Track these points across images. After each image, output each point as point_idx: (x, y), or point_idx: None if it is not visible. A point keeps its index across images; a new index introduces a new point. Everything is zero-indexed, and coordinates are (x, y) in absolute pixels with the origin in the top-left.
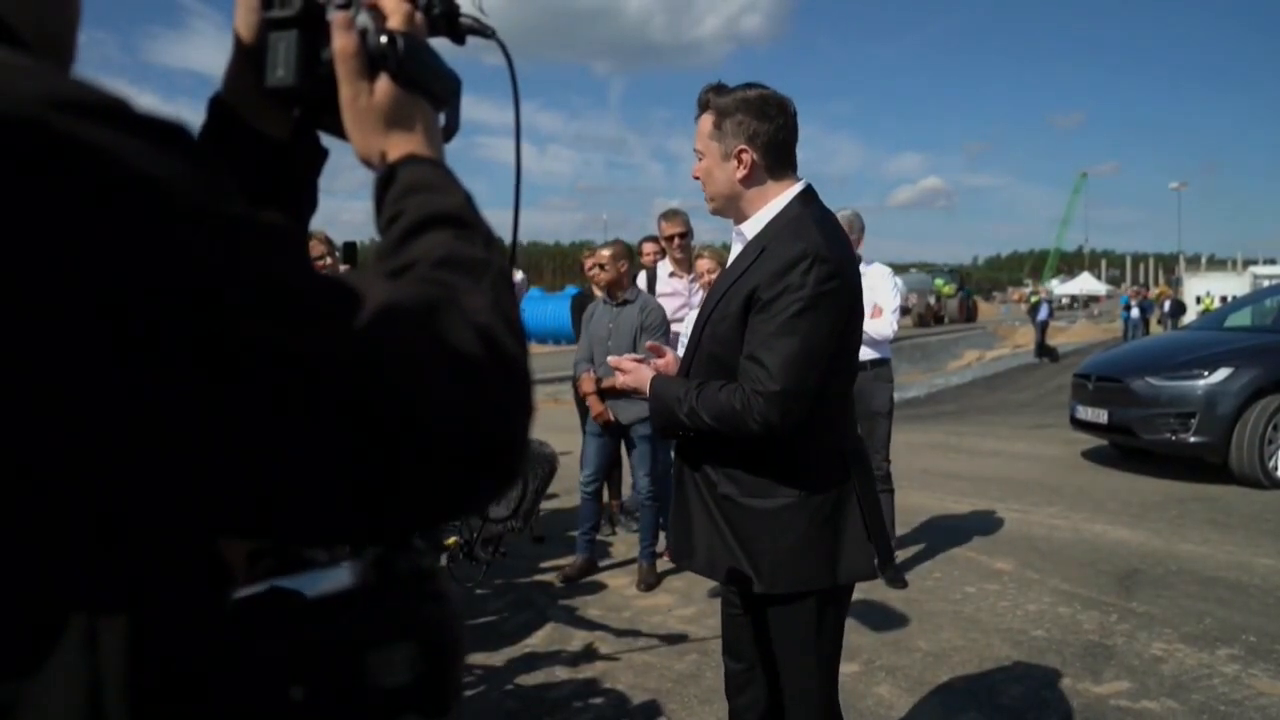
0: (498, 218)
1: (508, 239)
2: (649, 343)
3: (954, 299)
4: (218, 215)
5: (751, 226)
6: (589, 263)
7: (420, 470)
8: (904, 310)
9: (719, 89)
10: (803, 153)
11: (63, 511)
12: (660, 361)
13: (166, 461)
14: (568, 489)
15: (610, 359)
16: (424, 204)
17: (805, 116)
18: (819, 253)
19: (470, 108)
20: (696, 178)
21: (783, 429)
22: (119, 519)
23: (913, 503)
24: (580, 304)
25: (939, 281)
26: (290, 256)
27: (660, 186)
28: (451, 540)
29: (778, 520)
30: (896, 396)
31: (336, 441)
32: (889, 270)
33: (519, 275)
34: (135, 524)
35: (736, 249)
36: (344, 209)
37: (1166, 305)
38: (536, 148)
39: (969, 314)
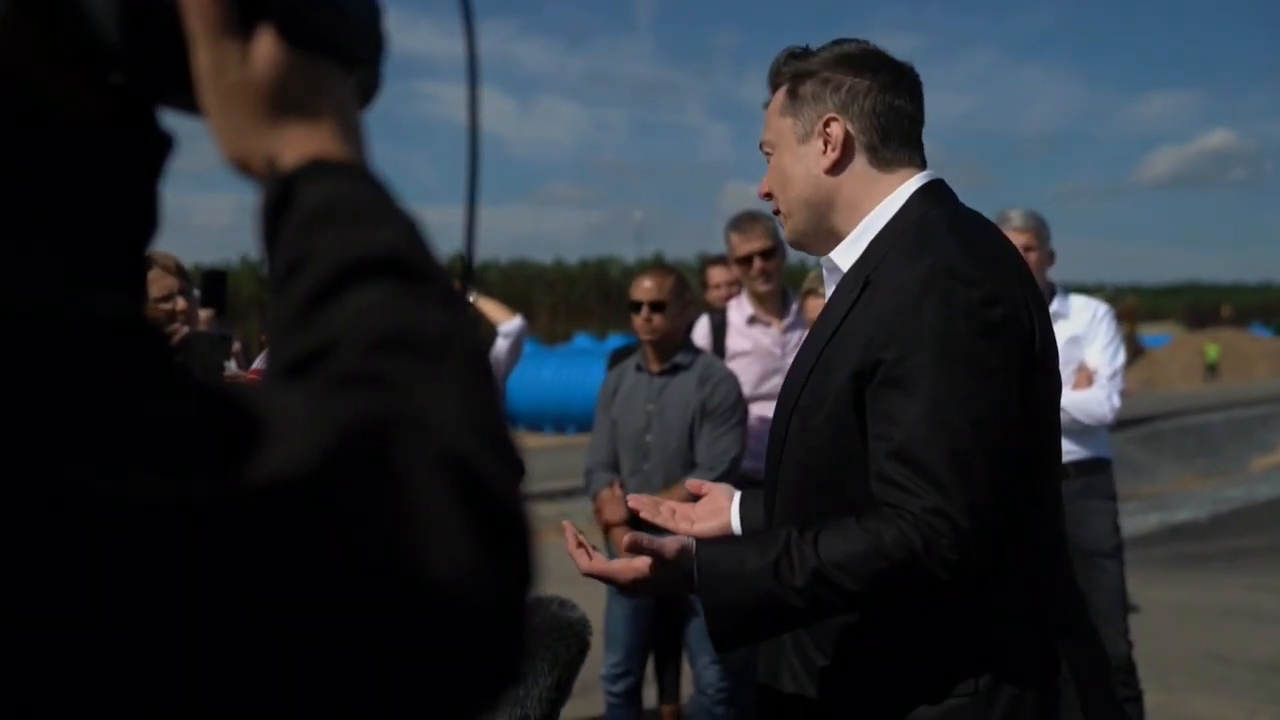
0: (450, 218)
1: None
2: (689, 480)
3: None
4: (16, 317)
5: (846, 252)
6: (636, 298)
7: (365, 702)
8: None
9: (804, 55)
10: (974, 97)
11: None
12: (698, 520)
13: None
14: (585, 685)
15: (667, 511)
16: (344, 243)
17: (980, 38)
18: (954, 267)
19: (402, 35)
20: (767, 195)
21: (977, 569)
22: None
23: (1192, 714)
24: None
25: None
26: (145, 376)
27: (731, 162)
28: None
29: None
30: (1157, 520)
31: (231, 668)
32: (1103, 307)
33: (516, 321)
34: None
35: (830, 292)
36: (196, 207)
37: None
38: (517, 99)
39: None
